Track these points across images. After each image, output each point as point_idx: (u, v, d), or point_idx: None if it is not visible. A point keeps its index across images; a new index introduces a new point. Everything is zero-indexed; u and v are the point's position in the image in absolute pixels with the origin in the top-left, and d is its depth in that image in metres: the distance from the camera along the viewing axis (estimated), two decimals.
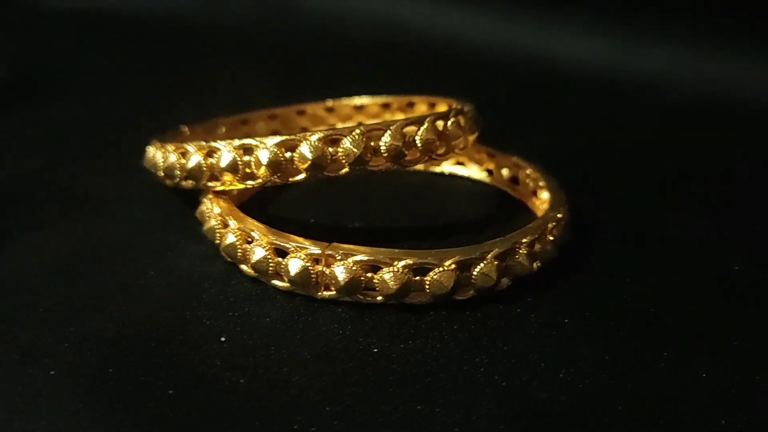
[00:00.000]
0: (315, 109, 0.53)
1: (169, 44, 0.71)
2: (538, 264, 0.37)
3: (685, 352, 0.32)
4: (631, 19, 0.73)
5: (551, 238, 0.37)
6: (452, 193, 0.47)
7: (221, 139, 0.46)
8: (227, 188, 0.39)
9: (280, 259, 0.35)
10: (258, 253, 0.35)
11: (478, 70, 0.67)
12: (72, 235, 0.40)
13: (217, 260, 0.38)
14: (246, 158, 0.38)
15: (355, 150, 0.37)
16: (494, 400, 0.29)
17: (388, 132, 0.38)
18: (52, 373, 0.30)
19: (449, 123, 0.40)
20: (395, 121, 0.38)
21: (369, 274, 0.34)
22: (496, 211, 0.45)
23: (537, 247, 0.37)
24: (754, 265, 0.39)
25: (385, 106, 0.52)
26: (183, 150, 0.40)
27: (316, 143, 0.37)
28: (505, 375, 0.31)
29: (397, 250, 0.34)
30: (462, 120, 0.41)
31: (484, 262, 0.35)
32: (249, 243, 0.36)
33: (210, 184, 0.39)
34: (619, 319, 0.34)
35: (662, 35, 0.70)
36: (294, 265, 0.34)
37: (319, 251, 0.34)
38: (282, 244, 0.35)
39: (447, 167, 0.49)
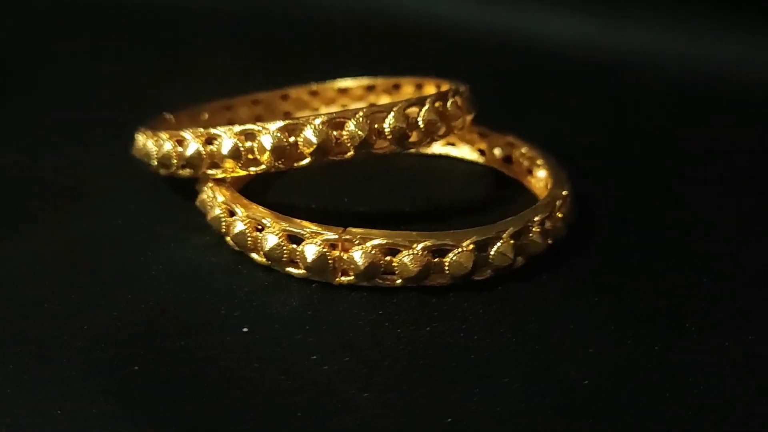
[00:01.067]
0: (299, 93, 0.52)
1: (148, 28, 0.69)
2: (549, 241, 0.37)
3: (702, 325, 0.33)
4: None
5: (560, 215, 0.37)
6: (447, 175, 0.47)
7: (205, 126, 0.45)
8: (228, 176, 0.38)
9: (294, 246, 0.34)
10: (271, 240, 0.35)
11: (462, 51, 0.67)
12: (65, 230, 0.39)
13: (222, 250, 0.37)
14: (248, 144, 0.37)
15: (360, 133, 0.36)
16: (527, 380, 0.29)
17: (392, 113, 0.37)
18: (70, 374, 0.29)
19: (449, 103, 0.40)
20: (397, 103, 0.38)
21: (388, 258, 0.34)
22: (493, 191, 0.45)
23: (548, 224, 0.37)
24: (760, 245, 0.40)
25: (370, 89, 0.52)
26: (179, 137, 0.39)
27: (321, 127, 0.36)
28: (534, 354, 0.31)
29: (414, 233, 0.34)
30: (459, 100, 0.41)
31: (501, 241, 0.34)
32: (259, 230, 0.35)
33: (210, 171, 0.38)
34: (634, 295, 0.35)
35: (654, 12, 0.69)
36: (310, 251, 0.34)
37: (336, 236, 0.34)
38: (296, 230, 0.34)
39: (437, 148, 0.49)
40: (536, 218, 0.36)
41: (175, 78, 0.58)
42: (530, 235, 0.36)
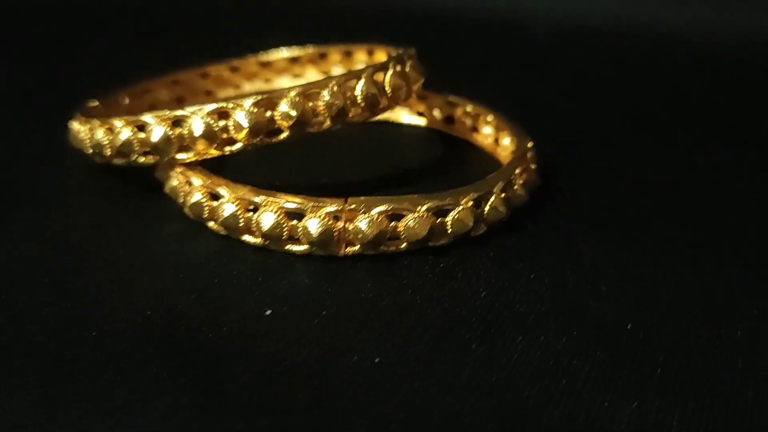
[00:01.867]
0: (218, 70, 0.50)
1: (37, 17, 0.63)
2: (528, 192, 0.38)
3: (687, 250, 0.35)
4: None
5: (533, 166, 0.39)
6: (393, 141, 0.47)
7: (128, 112, 0.44)
8: (200, 158, 0.36)
9: (294, 222, 0.33)
10: (268, 219, 0.33)
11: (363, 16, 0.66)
12: (29, 236, 0.35)
13: (203, 236, 0.35)
14: (221, 123, 0.35)
15: (337, 102, 0.36)
16: (567, 324, 0.30)
17: (362, 80, 0.37)
18: (102, 386, 0.27)
19: (407, 66, 0.40)
20: (365, 69, 0.38)
21: (393, 224, 0.34)
22: (443, 151, 0.46)
23: (524, 177, 0.38)
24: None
25: (294, 60, 0.51)
26: (138, 123, 0.36)
27: (296, 99, 0.35)
28: (554, 298, 0.32)
29: (415, 196, 0.34)
30: (414, 63, 0.41)
31: (493, 196, 0.35)
32: (251, 211, 0.34)
33: (179, 156, 0.36)
34: (617, 232, 0.37)
35: None
36: (314, 225, 0.33)
37: (339, 207, 0.33)
38: (295, 206, 0.33)
39: None
40: (517, 171, 0.37)
41: (74, 66, 0.54)
42: (514, 187, 0.37)
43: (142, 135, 0.36)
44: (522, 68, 0.61)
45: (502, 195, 0.36)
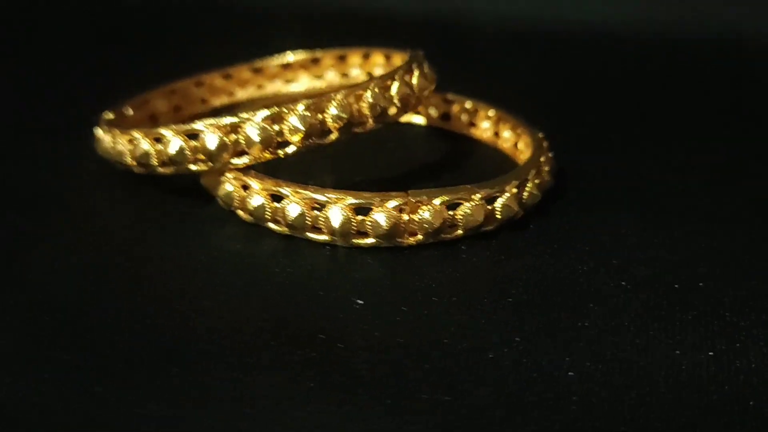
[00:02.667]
0: (212, 78, 0.51)
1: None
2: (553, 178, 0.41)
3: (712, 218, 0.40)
4: None
5: (551, 154, 0.42)
6: (394, 139, 0.49)
7: (134, 122, 0.45)
8: (253, 163, 0.37)
9: (362, 217, 0.35)
10: (336, 216, 0.35)
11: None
12: (87, 243, 0.36)
13: (261, 236, 0.37)
14: (276, 127, 0.37)
15: (381, 104, 0.38)
16: (628, 288, 0.34)
17: (396, 82, 0.39)
18: (236, 379, 0.28)
19: (425, 67, 0.43)
20: (396, 70, 0.40)
21: (451, 212, 0.36)
22: (449, 147, 0.48)
23: (548, 164, 0.41)
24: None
25: (286, 66, 0.52)
26: (188, 131, 0.37)
27: (344, 101, 0.37)
28: (614, 268, 0.35)
29: (469, 186, 0.37)
30: (427, 63, 0.44)
31: (529, 183, 0.38)
32: (317, 209, 0.36)
33: (235, 161, 0.37)
34: (645, 205, 0.41)
35: None
36: (381, 218, 0.35)
37: (403, 201, 0.35)
38: (361, 201, 0.35)
39: None
40: (542, 159, 0.41)
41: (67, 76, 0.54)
42: (543, 174, 0.40)
43: (193, 143, 0.37)
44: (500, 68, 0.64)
45: (536, 181, 0.39)
